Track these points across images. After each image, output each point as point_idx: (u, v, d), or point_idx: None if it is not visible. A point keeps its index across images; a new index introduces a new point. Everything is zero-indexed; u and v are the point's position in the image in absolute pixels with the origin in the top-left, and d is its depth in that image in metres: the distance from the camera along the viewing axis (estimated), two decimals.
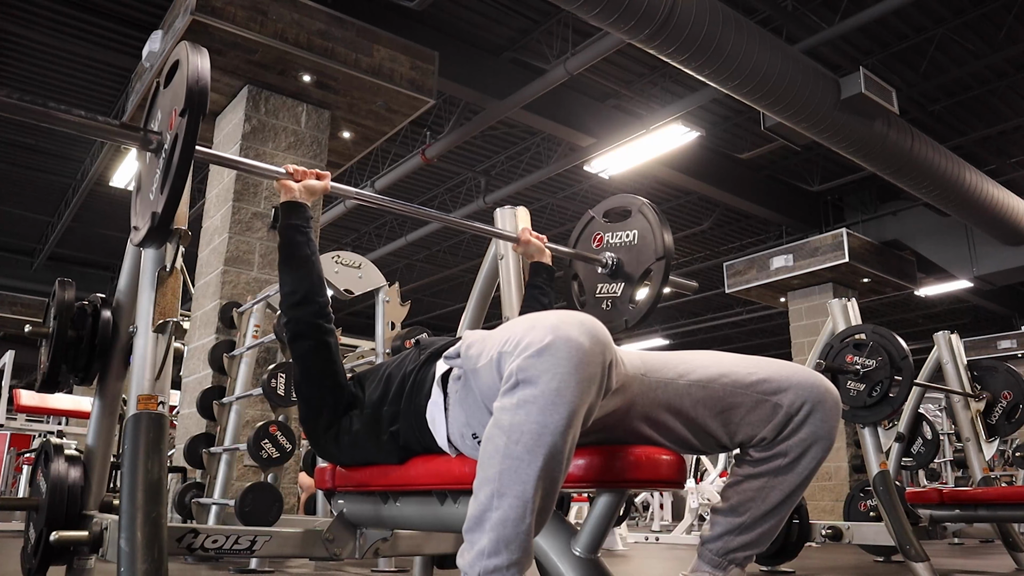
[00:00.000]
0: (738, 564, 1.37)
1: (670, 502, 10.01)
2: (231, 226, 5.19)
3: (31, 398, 8.10)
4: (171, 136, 1.55)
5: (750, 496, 1.35)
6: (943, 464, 8.97)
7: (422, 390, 1.42)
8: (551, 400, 1.05)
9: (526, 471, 1.06)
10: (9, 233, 12.66)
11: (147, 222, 1.60)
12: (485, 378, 1.21)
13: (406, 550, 1.99)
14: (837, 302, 3.93)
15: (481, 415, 1.26)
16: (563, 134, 8.31)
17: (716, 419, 1.33)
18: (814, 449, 1.32)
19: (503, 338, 1.16)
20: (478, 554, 1.08)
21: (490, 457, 1.09)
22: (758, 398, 1.32)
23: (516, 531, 1.06)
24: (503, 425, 1.08)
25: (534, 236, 2.31)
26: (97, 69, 8.03)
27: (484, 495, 1.09)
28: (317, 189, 1.87)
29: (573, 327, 1.08)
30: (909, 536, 3.32)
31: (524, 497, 1.06)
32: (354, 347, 6.68)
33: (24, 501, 1.98)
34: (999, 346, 13.45)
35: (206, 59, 1.56)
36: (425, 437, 1.41)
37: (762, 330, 16.38)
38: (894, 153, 7.07)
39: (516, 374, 1.08)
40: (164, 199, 1.53)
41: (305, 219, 1.76)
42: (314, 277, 1.67)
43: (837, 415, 1.33)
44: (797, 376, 1.33)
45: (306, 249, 1.70)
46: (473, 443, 1.30)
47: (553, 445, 1.05)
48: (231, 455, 3.87)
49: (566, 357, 1.05)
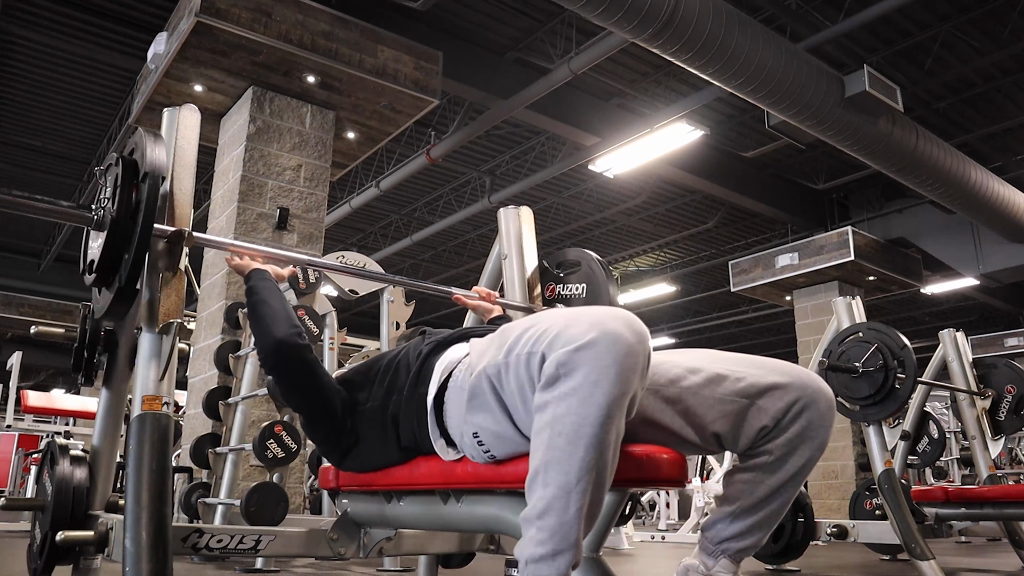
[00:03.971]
0: (730, 556, 1.39)
1: (676, 501, 9.99)
2: (236, 227, 5.20)
3: (38, 399, 8.15)
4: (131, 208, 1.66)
5: (740, 488, 1.38)
6: (949, 462, 8.96)
7: (425, 379, 1.42)
8: (590, 392, 1.07)
9: (569, 462, 1.08)
10: (16, 234, 12.72)
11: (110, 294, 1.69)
12: (513, 375, 1.20)
13: (410, 549, 1.99)
14: (841, 300, 3.92)
15: (490, 414, 1.25)
16: (567, 133, 8.31)
17: (709, 423, 1.35)
18: (803, 448, 1.34)
19: (535, 334, 1.16)
20: (527, 542, 1.11)
21: (537, 449, 1.12)
22: (748, 403, 1.34)
23: (560, 521, 1.08)
24: (546, 418, 1.10)
25: (483, 296, 2.31)
26: (103, 71, 8.06)
27: (534, 485, 1.11)
28: (280, 275, 1.96)
29: (614, 321, 1.10)
30: (915, 534, 3.31)
31: (567, 488, 1.08)
32: (360, 347, 6.70)
33: (30, 501, 1.99)
34: (1006, 343, 13.42)
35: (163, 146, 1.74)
36: (421, 431, 1.41)
37: (767, 328, 16.35)
38: (899, 151, 7.05)
39: (557, 367, 1.09)
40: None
41: (267, 276, 1.84)
42: (287, 310, 1.71)
43: (830, 416, 1.35)
44: (789, 376, 1.35)
45: (275, 292, 1.77)
46: (472, 442, 1.30)
47: (594, 436, 1.07)
48: (237, 455, 3.88)
49: (607, 350, 1.07)
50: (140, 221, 1.65)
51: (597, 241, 12.21)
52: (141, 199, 1.66)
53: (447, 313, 15.77)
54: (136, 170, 1.72)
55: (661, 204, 11.02)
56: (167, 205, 1.82)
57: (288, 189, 5.47)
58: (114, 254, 1.68)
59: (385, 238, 12.36)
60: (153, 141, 1.73)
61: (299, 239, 5.39)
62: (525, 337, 1.18)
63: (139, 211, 1.66)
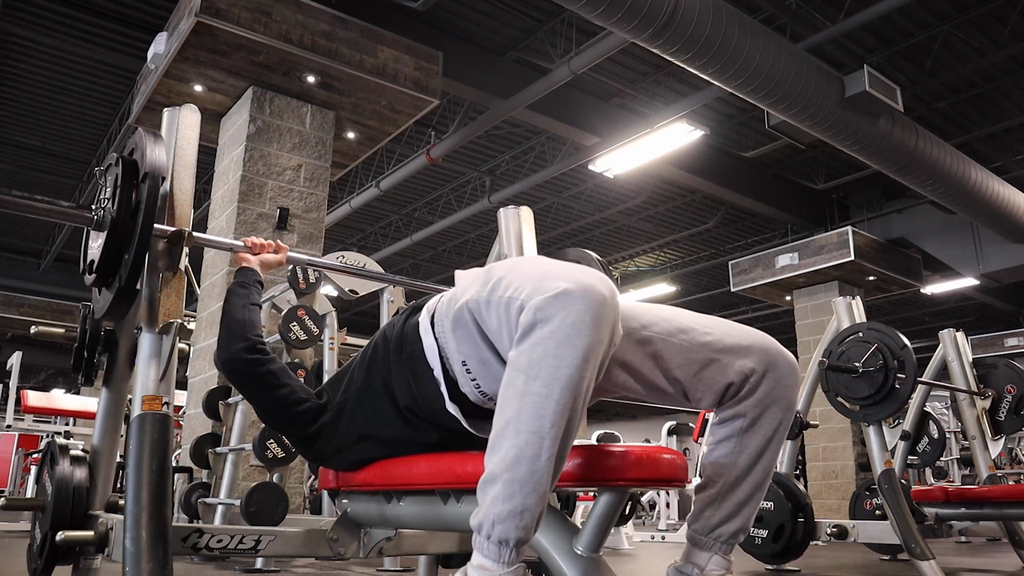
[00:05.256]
0: (723, 542, 1.39)
1: (676, 501, 9.98)
2: (236, 227, 5.20)
3: (38, 399, 8.15)
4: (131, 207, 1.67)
5: (721, 464, 1.39)
6: (949, 462, 8.96)
7: (410, 337, 1.42)
8: (567, 334, 1.07)
9: (543, 405, 1.07)
10: (16, 234, 12.72)
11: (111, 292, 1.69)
12: (494, 313, 1.21)
13: (410, 549, 1.99)
14: (841, 300, 3.93)
15: (472, 343, 1.28)
16: (567, 133, 8.31)
17: (678, 371, 1.38)
18: (772, 410, 1.37)
19: (515, 281, 1.18)
20: (492, 501, 1.08)
21: (508, 401, 1.10)
22: (712, 356, 1.37)
23: (531, 469, 1.06)
24: (520, 366, 1.09)
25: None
26: (103, 71, 8.07)
27: (501, 440, 1.09)
28: (272, 262, 2.03)
29: (587, 275, 1.12)
30: (915, 534, 3.31)
31: (541, 432, 1.06)
32: (360, 347, 6.69)
33: (30, 501, 1.99)
34: (1006, 343, 13.42)
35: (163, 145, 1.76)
36: (420, 385, 1.39)
37: (768, 328, 16.08)
38: (899, 151, 7.05)
39: (534, 314, 1.09)
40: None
41: (251, 280, 1.89)
42: (246, 320, 1.75)
43: (793, 377, 1.39)
44: (751, 339, 1.39)
45: (244, 300, 1.81)
46: (462, 370, 1.32)
47: (571, 379, 1.07)
48: (237, 455, 3.88)
49: (581, 297, 1.08)
50: (140, 221, 1.65)
51: (597, 241, 12.21)
52: (141, 199, 1.67)
53: None
54: (136, 170, 1.72)
55: (661, 204, 11.02)
56: (167, 205, 1.82)
57: (288, 189, 5.47)
58: (114, 254, 1.69)
59: (385, 238, 12.36)
60: (153, 141, 1.73)
61: (299, 239, 5.39)
62: (506, 281, 1.20)
63: (139, 211, 1.66)
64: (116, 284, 1.71)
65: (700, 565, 1.39)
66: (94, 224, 1.76)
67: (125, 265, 1.68)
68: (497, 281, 1.22)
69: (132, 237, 1.66)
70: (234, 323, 1.73)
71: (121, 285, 1.68)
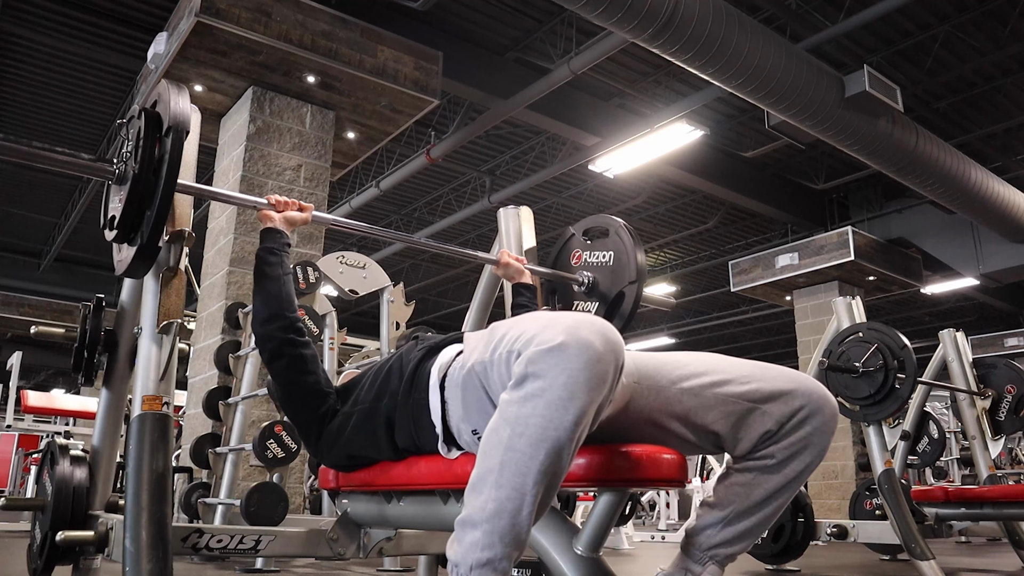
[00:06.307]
0: (718, 562, 1.38)
1: (676, 501, 9.98)
2: (236, 227, 5.20)
3: (38, 399, 8.15)
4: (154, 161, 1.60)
5: (735, 492, 1.36)
6: (949, 462, 8.97)
7: (421, 384, 1.41)
8: (559, 395, 1.04)
9: (527, 464, 1.05)
10: (16, 234, 12.71)
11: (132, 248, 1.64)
12: (496, 373, 1.20)
13: (410, 549, 1.99)
14: (841, 300, 3.93)
15: (482, 411, 1.26)
16: (567, 133, 8.31)
17: (710, 423, 1.34)
18: (804, 454, 1.33)
19: (515, 335, 1.16)
20: (470, 546, 1.08)
21: (492, 448, 1.09)
22: (752, 406, 1.32)
23: (512, 523, 1.06)
24: (508, 417, 1.07)
25: (512, 258, 2.34)
26: (103, 71, 8.06)
27: (482, 486, 1.09)
28: (297, 220, 1.92)
29: (586, 328, 1.08)
30: (915, 534, 3.31)
31: (523, 490, 1.06)
32: (359, 347, 6.69)
33: (30, 501, 1.99)
34: (1006, 343, 13.43)
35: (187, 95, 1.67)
36: (420, 434, 1.40)
37: (768, 328, 16.35)
38: (899, 151, 7.05)
39: (526, 367, 1.07)
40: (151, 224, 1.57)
41: (280, 244, 1.81)
42: (283, 295, 1.71)
43: (833, 424, 1.34)
44: (792, 383, 1.34)
45: (277, 270, 1.74)
46: (472, 439, 1.30)
47: (557, 441, 1.05)
48: (237, 455, 3.88)
49: (576, 355, 1.05)
50: (164, 176, 1.58)
51: None
52: (164, 153, 1.60)
53: (447, 313, 15.77)
54: (160, 123, 1.66)
55: (661, 204, 11.02)
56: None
57: (288, 189, 5.47)
58: (136, 210, 1.63)
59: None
60: (177, 92, 1.65)
61: (299, 239, 5.39)
62: (508, 337, 1.18)
63: (162, 166, 1.60)
64: (138, 240, 1.64)
65: (694, 573, 1.39)
66: (115, 178, 1.70)
67: (148, 222, 1.61)
68: (499, 340, 1.20)
69: (155, 193, 1.59)
70: (271, 297, 1.69)
71: (143, 242, 1.62)
